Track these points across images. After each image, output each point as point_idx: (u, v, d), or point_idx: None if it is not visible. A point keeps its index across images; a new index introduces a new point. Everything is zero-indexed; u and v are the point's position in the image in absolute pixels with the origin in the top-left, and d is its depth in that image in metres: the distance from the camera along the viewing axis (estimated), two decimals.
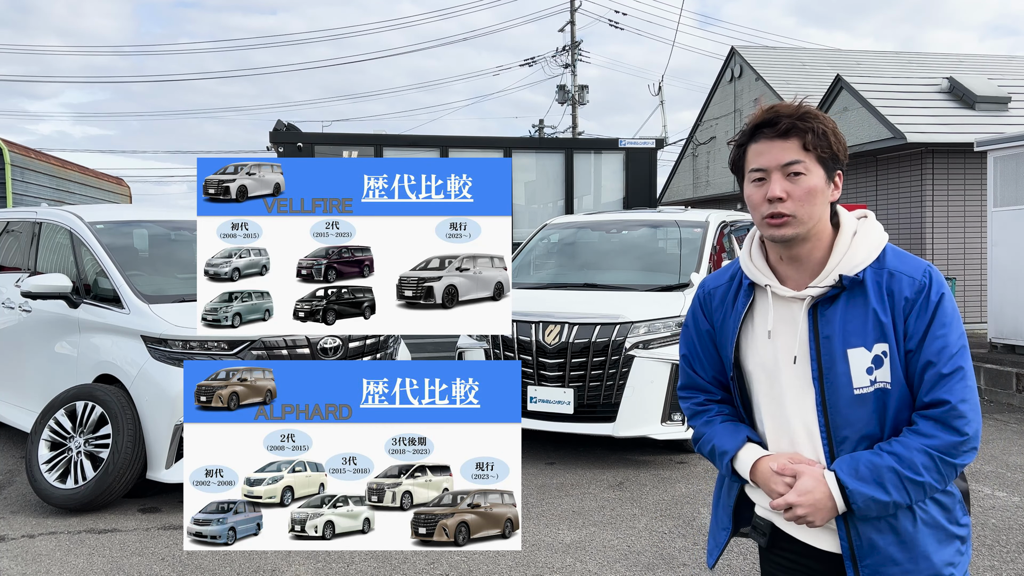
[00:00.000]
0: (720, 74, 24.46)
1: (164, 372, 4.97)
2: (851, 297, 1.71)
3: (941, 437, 1.64)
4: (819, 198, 1.71)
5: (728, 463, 1.84)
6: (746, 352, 1.84)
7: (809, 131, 1.69)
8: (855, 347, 1.69)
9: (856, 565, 1.71)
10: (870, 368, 1.69)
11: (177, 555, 4.30)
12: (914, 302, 1.68)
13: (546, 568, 4.13)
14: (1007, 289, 8.94)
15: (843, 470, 1.67)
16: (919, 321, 1.67)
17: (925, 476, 1.64)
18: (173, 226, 6.55)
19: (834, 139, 1.71)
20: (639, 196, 11.83)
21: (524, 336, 6.02)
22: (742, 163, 1.79)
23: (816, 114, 1.72)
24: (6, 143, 10.54)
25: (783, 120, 1.70)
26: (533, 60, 31.62)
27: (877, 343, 1.68)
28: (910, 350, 1.68)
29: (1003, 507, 5.01)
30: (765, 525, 1.86)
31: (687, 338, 1.99)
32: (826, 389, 1.71)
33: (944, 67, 20.78)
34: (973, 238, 12.52)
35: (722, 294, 1.90)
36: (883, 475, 1.64)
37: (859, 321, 1.69)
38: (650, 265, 6.98)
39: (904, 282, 1.69)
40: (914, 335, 1.68)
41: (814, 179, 1.70)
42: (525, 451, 6.38)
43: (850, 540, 1.71)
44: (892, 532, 1.69)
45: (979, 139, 9.70)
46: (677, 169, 27.41)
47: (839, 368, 1.70)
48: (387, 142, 11.42)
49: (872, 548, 1.69)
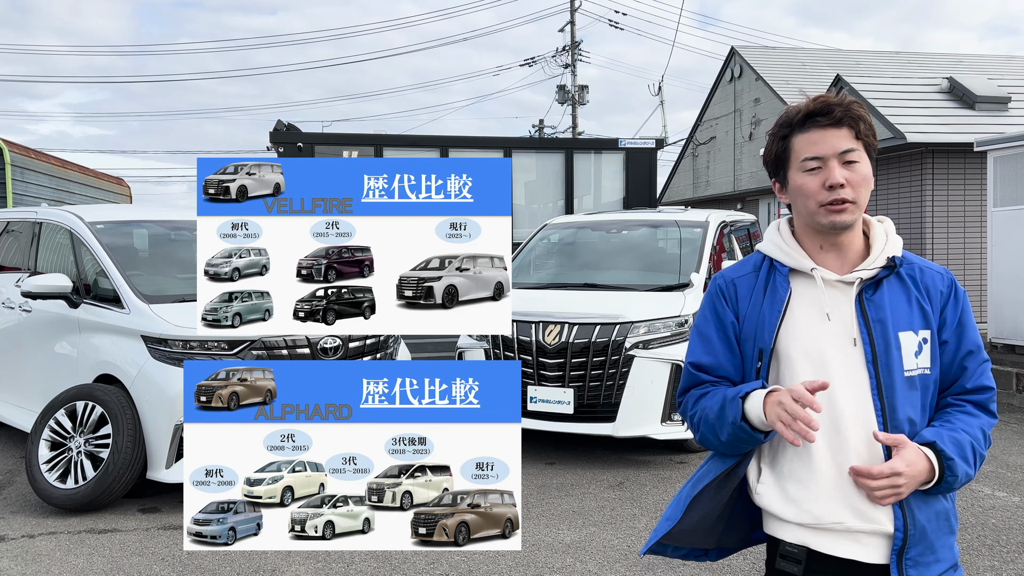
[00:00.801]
0: (720, 74, 24.46)
1: (164, 372, 4.97)
2: (892, 285, 1.78)
3: (984, 418, 1.77)
4: (870, 185, 1.78)
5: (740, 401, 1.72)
6: (786, 339, 1.77)
7: (860, 119, 1.75)
8: (904, 330, 1.74)
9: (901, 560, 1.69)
10: (916, 352, 1.75)
11: (177, 555, 4.31)
12: (948, 296, 1.79)
13: (546, 568, 4.13)
14: (1007, 289, 8.93)
15: (944, 444, 1.69)
16: (953, 313, 1.78)
17: (983, 450, 1.74)
18: (173, 226, 6.55)
19: (874, 130, 1.79)
20: (639, 196, 11.83)
21: (524, 336, 6.02)
22: (786, 154, 1.79)
23: (860, 104, 1.78)
24: (6, 143, 10.54)
25: (836, 108, 1.74)
26: (533, 60, 31.64)
27: (922, 329, 1.76)
28: (944, 340, 1.77)
29: (1003, 507, 5.01)
30: (799, 552, 1.76)
31: (700, 336, 1.89)
32: (881, 373, 1.72)
33: (944, 67, 20.78)
34: (973, 238, 12.52)
35: (749, 284, 1.86)
36: (966, 450, 1.70)
37: (904, 306, 1.76)
38: (650, 265, 6.98)
39: (936, 277, 1.80)
40: (948, 326, 1.78)
41: (867, 167, 1.76)
42: (525, 451, 6.38)
43: (906, 528, 1.69)
44: (936, 519, 1.73)
45: (979, 139, 9.69)
46: (677, 169, 27.41)
47: (893, 351, 1.73)
48: (387, 142, 11.42)
49: (923, 534, 1.71)
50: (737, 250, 7.72)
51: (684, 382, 1.94)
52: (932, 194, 12.68)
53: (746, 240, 8.28)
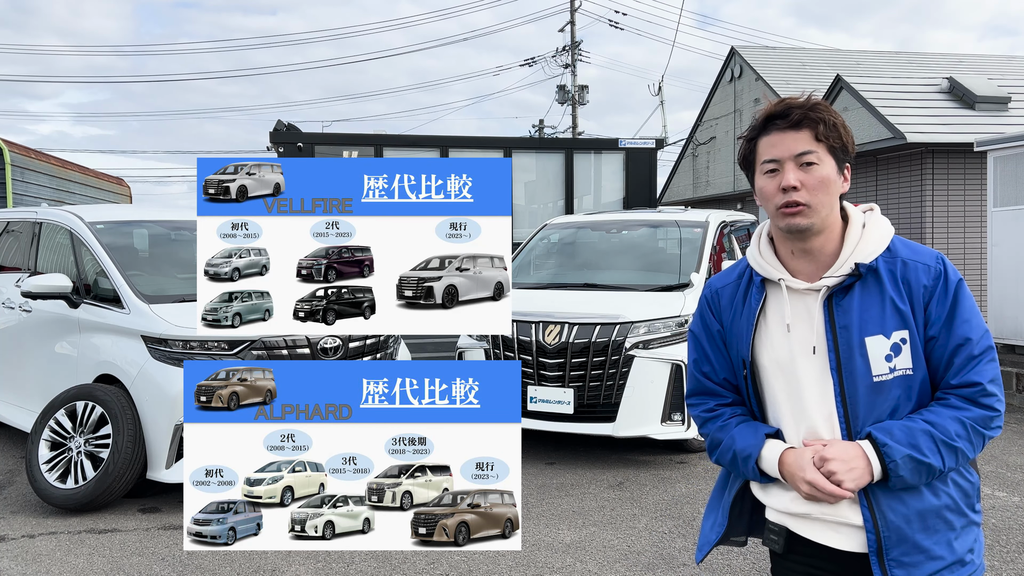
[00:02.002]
0: (720, 74, 24.46)
1: (164, 372, 4.97)
2: (865, 286, 1.73)
3: (973, 410, 1.68)
4: (831, 188, 1.74)
5: (754, 466, 1.81)
6: (760, 348, 1.83)
7: (820, 122, 1.72)
8: (873, 335, 1.71)
9: (883, 559, 1.68)
10: (889, 355, 1.70)
11: (177, 555, 4.31)
12: (933, 289, 1.71)
13: (546, 568, 4.13)
14: (1007, 289, 8.93)
15: (877, 432, 1.68)
16: (940, 307, 1.70)
17: (958, 442, 1.66)
18: (173, 226, 6.55)
19: (843, 131, 1.74)
20: (639, 196, 11.83)
21: (524, 336, 6.02)
22: (752, 157, 1.80)
23: (826, 106, 1.75)
24: (6, 143, 10.54)
25: (794, 111, 1.73)
26: (533, 60, 31.64)
27: (896, 330, 1.70)
28: (932, 336, 1.71)
29: (1003, 507, 5.00)
30: (780, 530, 1.84)
31: (695, 342, 1.97)
32: (844, 379, 1.72)
33: (944, 67, 20.77)
34: (973, 238, 12.51)
35: (731, 293, 1.90)
36: (917, 437, 1.65)
37: (876, 309, 1.71)
38: (650, 265, 6.98)
39: (920, 270, 1.72)
40: (936, 320, 1.71)
41: (826, 169, 1.72)
42: (525, 451, 6.37)
43: (876, 528, 1.69)
44: (918, 518, 1.69)
45: (979, 139, 9.69)
46: (677, 169, 27.42)
47: (857, 358, 1.71)
48: (387, 142, 11.42)
49: (901, 536, 1.68)
50: (737, 250, 7.72)
51: (690, 385, 2.01)
52: (932, 194, 12.68)
53: (746, 240, 8.28)
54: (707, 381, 1.95)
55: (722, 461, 1.90)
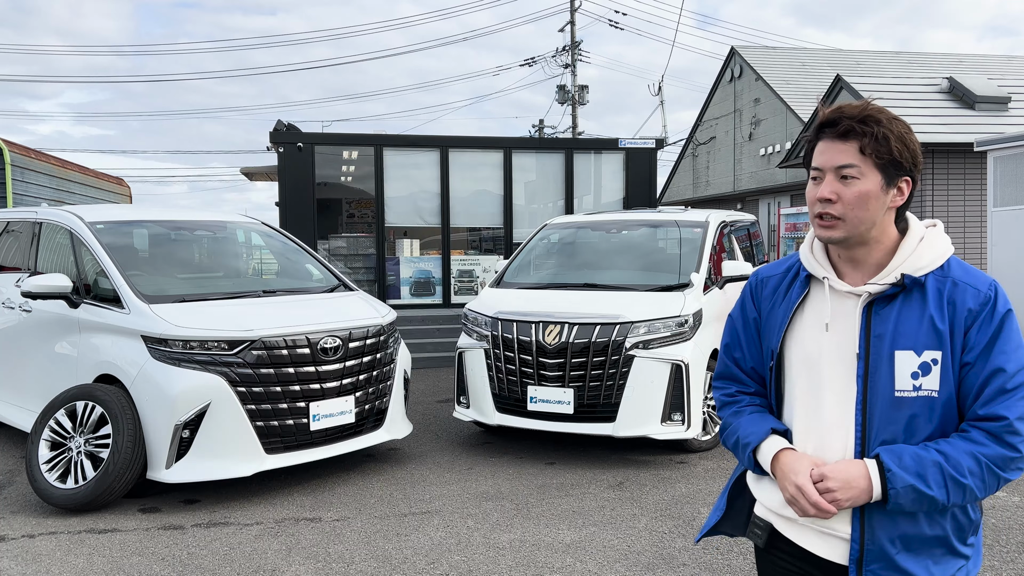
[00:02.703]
0: (720, 74, 24.47)
1: (164, 372, 4.97)
2: (908, 300, 1.69)
3: (993, 448, 1.61)
4: (872, 203, 1.67)
5: (751, 454, 1.82)
6: (791, 343, 1.82)
7: (868, 135, 1.65)
8: (904, 349, 1.66)
9: (861, 571, 1.68)
10: (916, 373, 1.65)
11: (177, 555, 4.31)
12: (978, 314, 1.65)
13: (546, 568, 4.13)
14: (1007, 289, 8.92)
15: (886, 455, 1.64)
16: (981, 333, 1.64)
17: (969, 480, 1.60)
18: (173, 226, 6.55)
19: (897, 145, 1.67)
20: (639, 196, 11.83)
21: (524, 336, 6.02)
22: (809, 159, 1.80)
23: (879, 118, 1.67)
24: (6, 143, 10.54)
25: (844, 121, 1.68)
26: (533, 60, 31.64)
27: (928, 349, 1.65)
28: (968, 363, 1.64)
29: (1003, 507, 5.01)
30: (764, 525, 1.85)
31: (731, 327, 1.98)
32: (869, 388, 1.69)
33: (944, 67, 20.79)
34: (973, 238, 12.53)
35: (775, 284, 1.90)
36: (927, 468, 1.60)
37: (913, 324, 1.67)
38: (650, 265, 6.97)
39: (969, 293, 1.66)
40: (975, 347, 1.64)
41: (867, 184, 1.67)
42: (525, 451, 6.39)
43: (862, 543, 1.67)
44: (902, 541, 1.66)
45: (979, 139, 9.69)
46: (677, 169, 27.43)
47: (884, 368, 1.67)
48: (387, 142, 11.42)
49: (882, 554, 1.66)
50: (737, 250, 7.72)
51: (718, 369, 2.03)
52: (932, 194, 12.69)
53: (746, 240, 8.28)
54: (735, 367, 1.96)
55: (727, 444, 1.91)
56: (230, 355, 5.04)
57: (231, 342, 5.05)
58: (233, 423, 5.00)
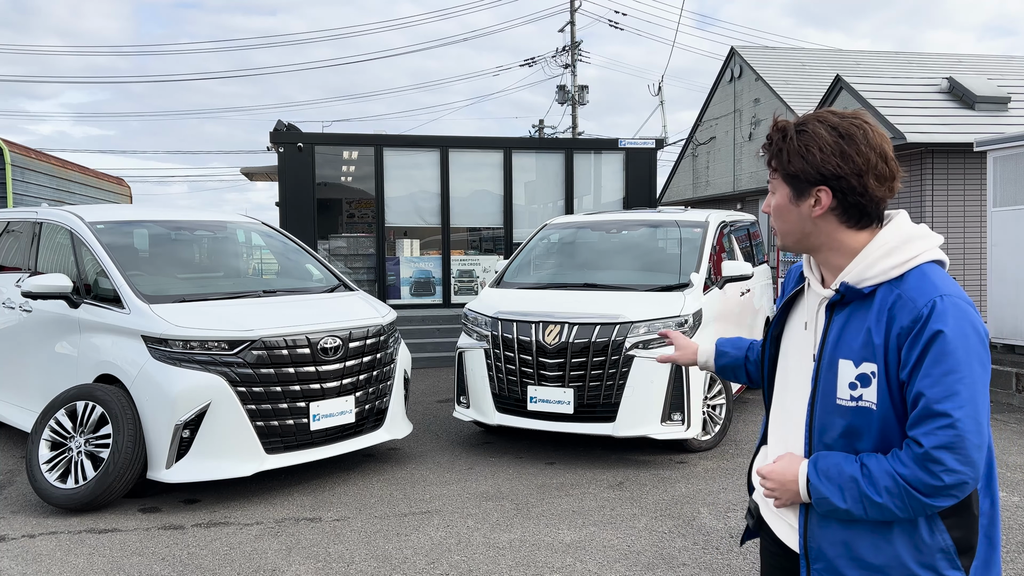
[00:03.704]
0: (720, 74, 24.47)
1: (164, 372, 4.97)
2: (858, 309, 1.68)
3: (916, 473, 1.55)
4: (785, 214, 1.75)
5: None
6: (779, 337, 1.92)
7: (772, 150, 1.75)
8: (845, 358, 1.67)
9: (808, 566, 1.73)
10: (853, 384, 1.65)
11: (177, 555, 4.31)
12: (909, 331, 1.58)
13: (546, 568, 4.13)
14: (1007, 289, 8.93)
15: (813, 462, 1.69)
16: (911, 352, 1.58)
17: (883, 498, 1.57)
18: (173, 226, 6.55)
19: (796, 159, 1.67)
20: (639, 196, 11.84)
21: (524, 336, 6.02)
22: None
23: (786, 131, 1.70)
24: (6, 143, 10.54)
25: (765, 143, 1.78)
26: (533, 60, 31.63)
27: (865, 361, 1.63)
28: (903, 380, 1.60)
29: (1003, 507, 5.01)
30: (754, 509, 1.95)
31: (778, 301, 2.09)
32: (819, 390, 1.72)
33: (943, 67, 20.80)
34: (973, 238, 12.53)
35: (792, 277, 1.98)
36: (844, 481, 1.62)
37: (854, 334, 1.66)
38: (650, 265, 6.97)
39: (906, 308, 1.59)
40: (906, 365, 1.58)
41: (778, 197, 1.76)
42: (525, 451, 6.39)
43: (805, 539, 1.74)
44: (845, 549, 1.67)
45: (979, 139, 9.69)
46: (677, 169, 27.42)
47: (829, 375, 1.70)
48: (387, 142, 11.42)
49: (820, 555, 1.71)
50: (737, 250, 7.72)
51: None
52: (932, 194, 12.70)
53: (746, 240, 8.29)
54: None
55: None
56: (230, 355, 5.04)
57: (231, 342, 5.05)
58: (233, 423, 5.01)
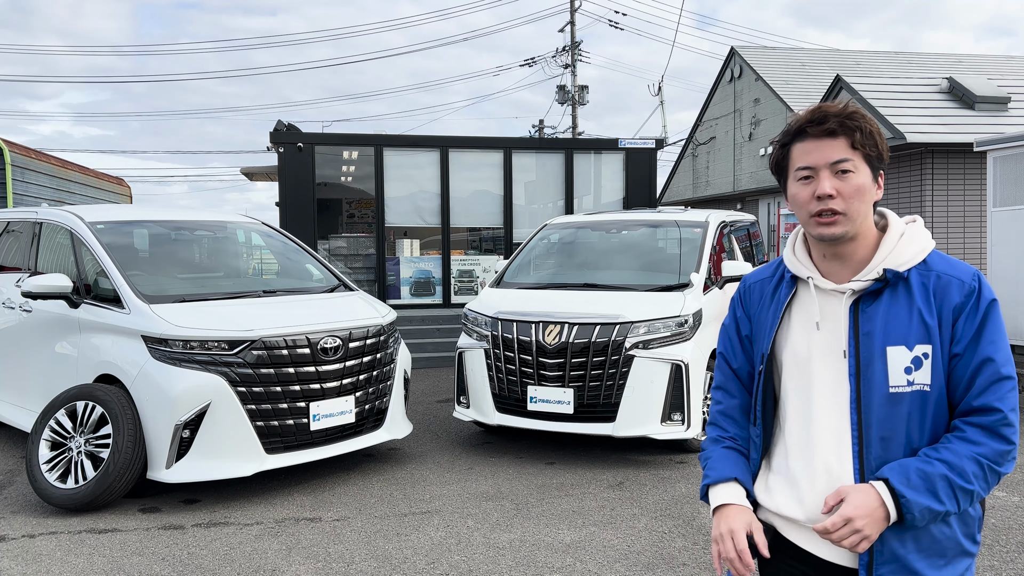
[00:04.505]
0: (720, 74, 24.48)
1: (164, 372, 4.97)
2: (894, 295, 1.70)
3: (990, 445, 1.63)
4: (867, 196, 1.71)
5: (704, 487, 1.88)
6: (782, 344, 1.83)
7: (857, 130, 1.69)
8: (895, 345, 1.67)
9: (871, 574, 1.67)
10: (909, 368, 1.66)
11: (177, 555, 4.31)
12: (963, 305, 1.66)
13: (546, 568, 4.13)
14: (1007, 289, 8.93)
15: (895, 479, 1.63)
16: (968, 325, 1.66)
17: (975, 484, 1.62)
18: (173, 226, 6.55)
19: (879, 139, 1.72)
20: (639, 196, 11.84)
21: (524, 336, 6.02)
22: (786, 163, 1.80)
23: (863, 114, 1.73)
24: (6, 143, 10.54)
25: (831, 118, 1.71)
26: (533, 60, 31.63)
27: (919, 344, 1.66)
28: (957, 354, 1.66)
29: (1003, 507, 5.01)
30: (766, 529, 1.83)
31: (724, 335, 1.99)
32: (862, 387, 1.69)
33: (943, 67, 20.80)
34: (973, 238, 12.53)
35: (760, 289, 1.92)
36: (936, 484, 1.61)
37: (902, 319, 1.67)
38: (650, 265, 6.97)
39: (953, 285, 1.68)
40: (962, 339, 1.65)
41: (862, 177, 1.70)
42: (525, 451, 6.39)
43: (871, 550, 1.66)
44: (914, 543, 1.67)
45: (979, 139, 9.69)
46: (677, 169, 27.43)
47: (876, 366, 1.67)
48: (387, 142, 11.42)
49: (893, 557, 1.66)
50: (737, 250, 7.72)
51: (716, 378, 2.03)
52: (932, 194, 12.70)
53: (746, 240, 8.28)
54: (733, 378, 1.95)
55: (701, 460, 1.96)
56: (230, 355, 5.04)
57: (231, 342, 5.05)
58: (233, 423, 5.01)
